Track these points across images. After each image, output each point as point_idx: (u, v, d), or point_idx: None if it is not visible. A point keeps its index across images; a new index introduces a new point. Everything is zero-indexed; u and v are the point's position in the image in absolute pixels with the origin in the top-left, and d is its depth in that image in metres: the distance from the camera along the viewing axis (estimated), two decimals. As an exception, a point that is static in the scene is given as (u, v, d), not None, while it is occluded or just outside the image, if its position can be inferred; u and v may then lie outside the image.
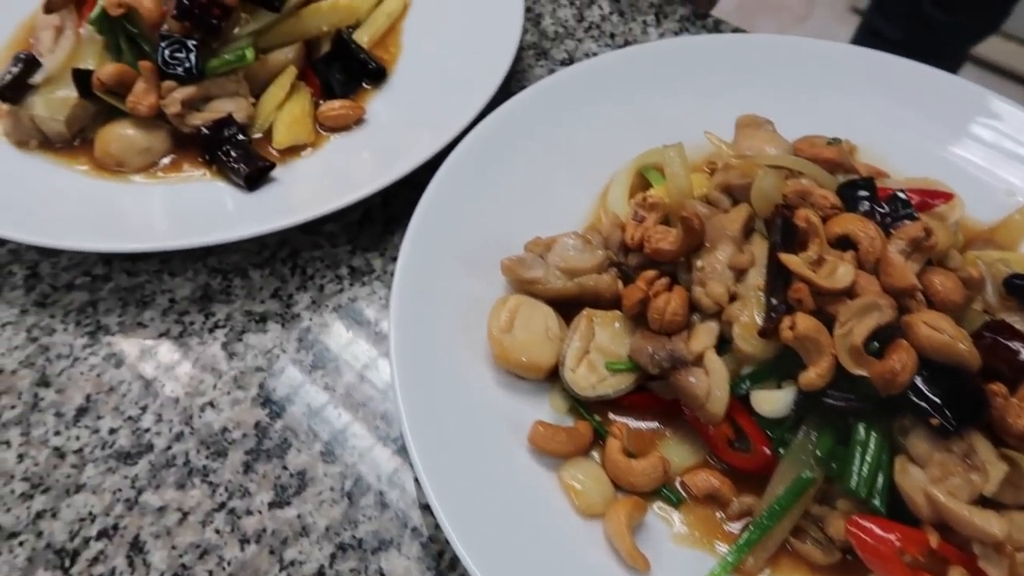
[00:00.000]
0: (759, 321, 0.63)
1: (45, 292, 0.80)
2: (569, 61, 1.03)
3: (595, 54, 1.03)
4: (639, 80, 0.89)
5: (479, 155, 0.81)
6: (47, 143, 0.87)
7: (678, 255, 0.69)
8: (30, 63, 0.85)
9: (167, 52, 0.84)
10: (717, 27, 1.06)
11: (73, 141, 0.87)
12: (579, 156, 0.85)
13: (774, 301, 0.62)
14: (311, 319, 0.78)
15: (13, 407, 0.72)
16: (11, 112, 0.85)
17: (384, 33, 0.99)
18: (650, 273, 0.70)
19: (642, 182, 0.83)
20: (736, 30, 1.06)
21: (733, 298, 0.66)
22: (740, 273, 0.67)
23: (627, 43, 1.05)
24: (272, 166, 0.83)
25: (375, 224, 0.85)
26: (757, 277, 0.66)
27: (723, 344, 0.66)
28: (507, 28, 0.94)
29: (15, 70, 0.84)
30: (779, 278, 0.63)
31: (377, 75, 0.93)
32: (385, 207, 0.86)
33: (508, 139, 0.83)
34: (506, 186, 0.81)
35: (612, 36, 1.06)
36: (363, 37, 0.96)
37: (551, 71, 1.01)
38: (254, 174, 0.82)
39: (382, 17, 0.99)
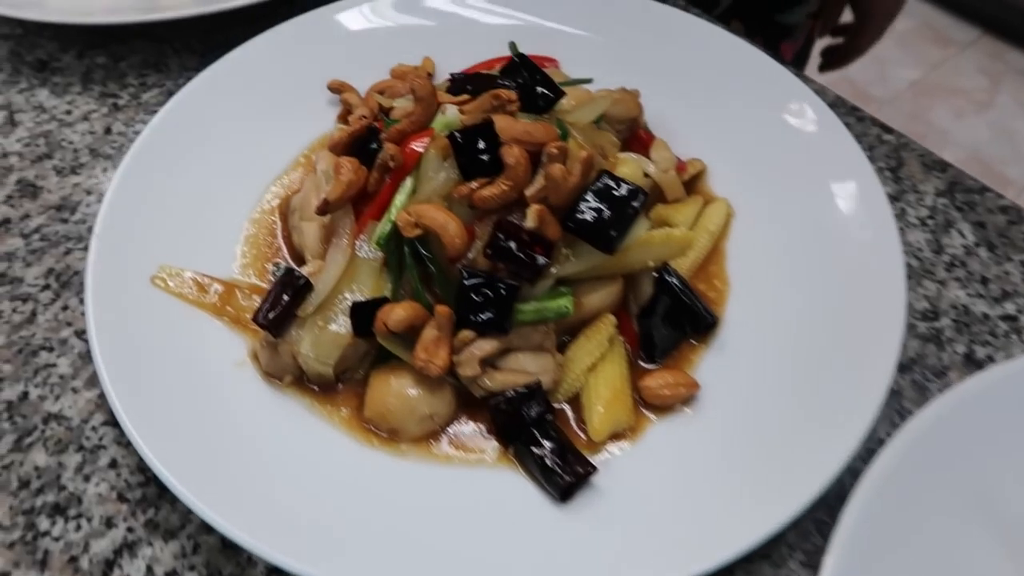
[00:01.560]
0: None
1: (291, 602, 0.63)
2: (932, 314, 0.80)
3: (964, 307, 0.80)
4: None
5: (885, 505, 0.59)
6: (302, 379, 0.71)
7: None
8: (301, 290, 0.68)
9: (471, 293, 0.66)
10: (1126, 283, 0.82)
11: (336, 383, 0.70)
12: (993, 499, 0.63)
13: None
14: None
15: None
16: (270, 343, 0.69)
17: (706, 258, 0.79)
18: None
19: None
20: None
21: None
22: None
23: (1005, 294, 0.81)
24: (594, 471, 0.63)
25: (706, 552, 0.65)
26: None
27: None
28: (880, 263, 0.73)
29: (285, 299, 0.67)
30: None
31: (709, 327, 0.73)
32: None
33: (917, 473, 0.61)
34: (917, 543, 0.60)
35: (984, 281, 0.82)
36: (682, 265, 0.76)
37: (911, 326, 0.79)
38: (573, 486, 0.62)
39: (704, 237, 0.79)
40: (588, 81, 0.91)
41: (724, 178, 0.86)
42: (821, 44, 1.55)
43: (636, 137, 0.85)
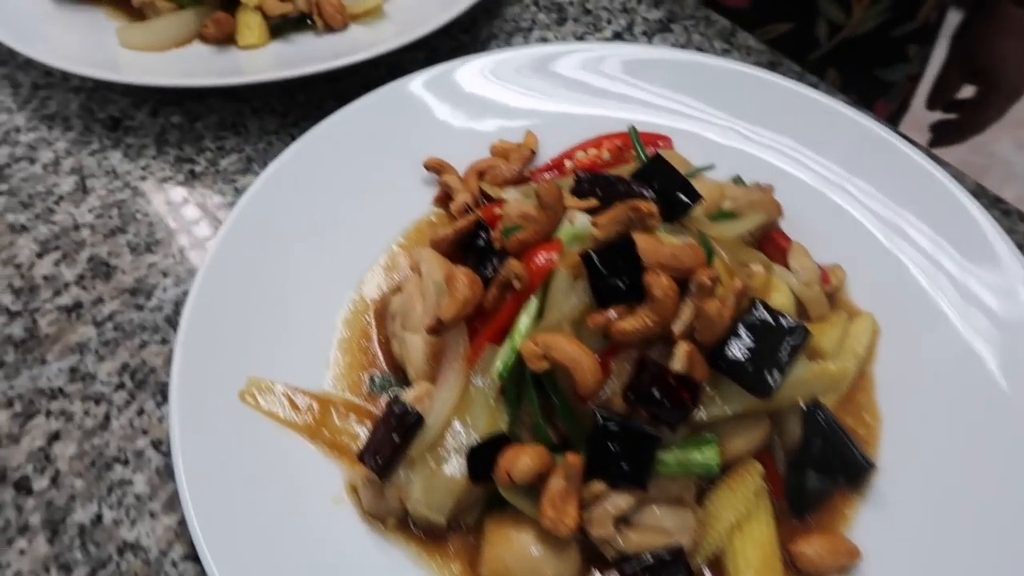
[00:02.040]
0: None
1: None
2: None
3: None
4: None
5: None
6: (406, 521, 0.63)
7: None
8: (413, 428, 0.60)
9: (607, 441, 0.58)
10: None
11: (446, 530, 0.63)
12: None
13: None
14: None
15: None
16: (373, 482, 0.62)
17: (853, 388, 0.70)
18: None
19: None
20: None
21: None
22: None
23: None
24: (748, 662, 0.55)
25: None
26: None
27: None
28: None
29: (396, 439, 0.60)
30: None
31: (863, 473, 0.65)
32: None
33: None
34: None
35: None
36: (829, 397, 0.68)
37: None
38: None
39: (851, 361, 0.70)
40: (711, 168, 0.83)
41: (863, 286, 0.77)
42: (925, 115, 1.43)
43: (770, 239, 0.76)
